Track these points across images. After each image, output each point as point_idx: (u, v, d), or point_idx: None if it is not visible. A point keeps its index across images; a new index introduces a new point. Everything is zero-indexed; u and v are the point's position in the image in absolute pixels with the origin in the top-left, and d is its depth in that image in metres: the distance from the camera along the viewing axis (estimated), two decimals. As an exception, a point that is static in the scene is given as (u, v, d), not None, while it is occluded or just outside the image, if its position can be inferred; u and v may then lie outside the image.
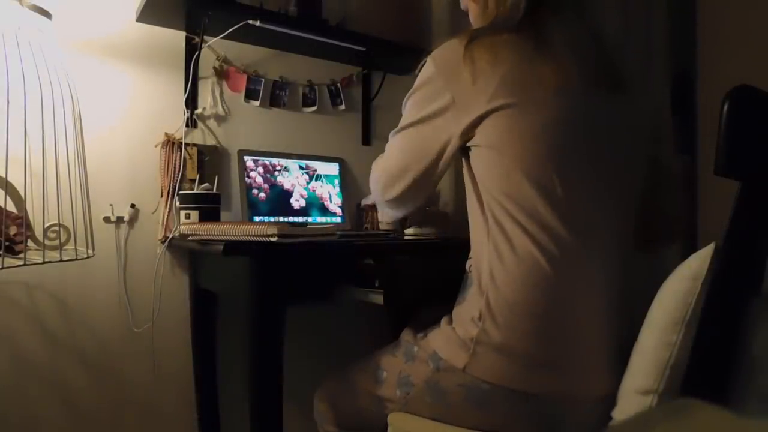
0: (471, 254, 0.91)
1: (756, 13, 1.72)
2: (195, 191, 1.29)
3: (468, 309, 0.85)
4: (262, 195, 1.44)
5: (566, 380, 0.80)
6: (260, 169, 1.45)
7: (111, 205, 1.33)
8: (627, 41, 1.69)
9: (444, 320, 0.91)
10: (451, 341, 0.85)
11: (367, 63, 1.75)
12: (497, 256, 0.81)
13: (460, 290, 0.92)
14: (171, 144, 1.39)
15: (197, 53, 1.42)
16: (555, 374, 0.79)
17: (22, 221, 0.98)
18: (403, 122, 0.92)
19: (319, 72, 1.70)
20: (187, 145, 1.40)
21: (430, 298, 1.00)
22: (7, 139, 0.87)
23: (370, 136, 1.80)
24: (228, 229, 1.00)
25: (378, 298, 0.96)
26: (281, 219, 1.45)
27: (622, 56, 0.97)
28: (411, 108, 0.90)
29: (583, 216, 0.81)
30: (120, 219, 1.34)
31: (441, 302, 0.95)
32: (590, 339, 0.81)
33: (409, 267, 0.85)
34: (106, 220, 1.32)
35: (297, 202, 1.51)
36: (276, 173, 1.48)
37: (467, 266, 0.92)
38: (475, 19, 0.97)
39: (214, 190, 1.31)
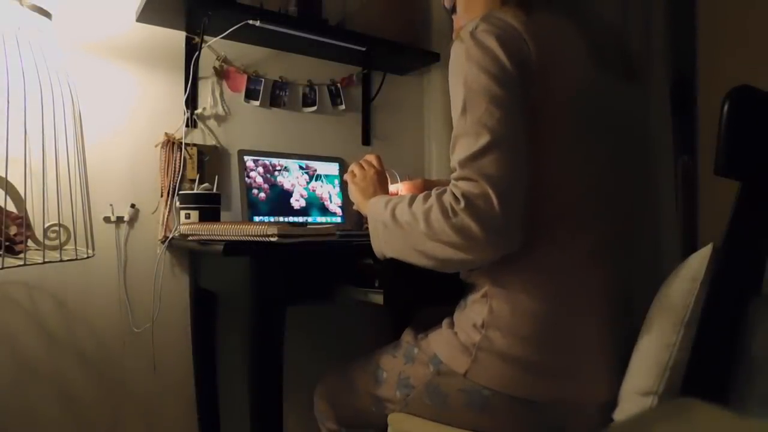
0: None
1: (756, 13, 1.72)
2: (195, 191, 1.29)
3: (471, 315, 0.85)
4: (262, 195, 1.44)
5: (569, 387, 0.79)
6: (260, 169, 1.45)
7: (111, 205, 1.33)
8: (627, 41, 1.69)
9: (445, 323, 0.90)
10: (453, 346, 0.85)
11: (367, 63, 1.75)
12: (501, 262, 0.81)
13: (462, 294, 0.91)
14: (171, 144, 1.39)
15: (197, 53, 1.42)
16: (558, 381, 0.79)
17: (22, 221, 0.98)
18: None
19: (319, 72, 1.70)
20: (187, 145, 1.40)
21: (430, 298, 1.00)
22: (7, 139, 0.87)
23: (370, 136, 1.79)
24: (228, 229, 1.00)
25: (378, 298, 0.96)
26: (281, 219, 1.45)
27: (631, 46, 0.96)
28: None
29: (585, 220, 0.81)
30: (120, 219, 1.34)
31: (441, 302, 0.95)
32: (593, 344, 0.81)
33: (409, 267, 0.85)
34: (106, 220, 1.32)
35: (297, 202, 1.51)
36: (276, 173, 1.48)
37: (463, 276, 0.91)
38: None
39: (214, 190, 1.31)
